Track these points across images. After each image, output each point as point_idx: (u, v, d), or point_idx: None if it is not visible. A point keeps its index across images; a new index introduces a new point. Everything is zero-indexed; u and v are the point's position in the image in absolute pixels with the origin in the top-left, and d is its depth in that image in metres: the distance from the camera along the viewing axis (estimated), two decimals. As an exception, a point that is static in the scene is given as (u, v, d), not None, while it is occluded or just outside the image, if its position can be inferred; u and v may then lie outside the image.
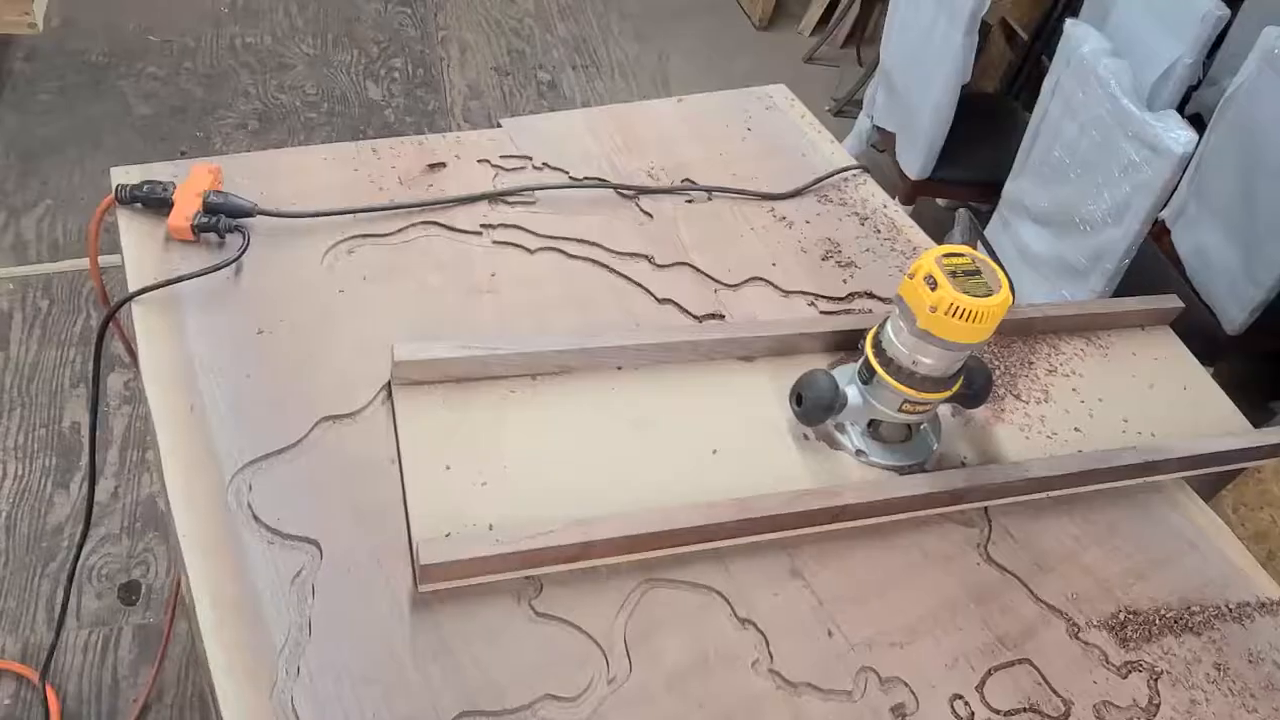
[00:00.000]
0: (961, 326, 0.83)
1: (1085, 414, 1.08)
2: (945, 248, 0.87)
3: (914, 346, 0.87)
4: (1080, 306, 1.19)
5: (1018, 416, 1.06)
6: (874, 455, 0.96)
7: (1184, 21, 1.92)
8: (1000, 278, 0.85)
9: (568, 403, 0.94)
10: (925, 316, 0.84)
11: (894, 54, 2.26)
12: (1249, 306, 1.86)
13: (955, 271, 0.84)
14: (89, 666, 1.49)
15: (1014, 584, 0.92)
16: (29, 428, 1.80)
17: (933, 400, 0.91)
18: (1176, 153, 1.47)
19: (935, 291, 0.83)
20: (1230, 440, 1.09)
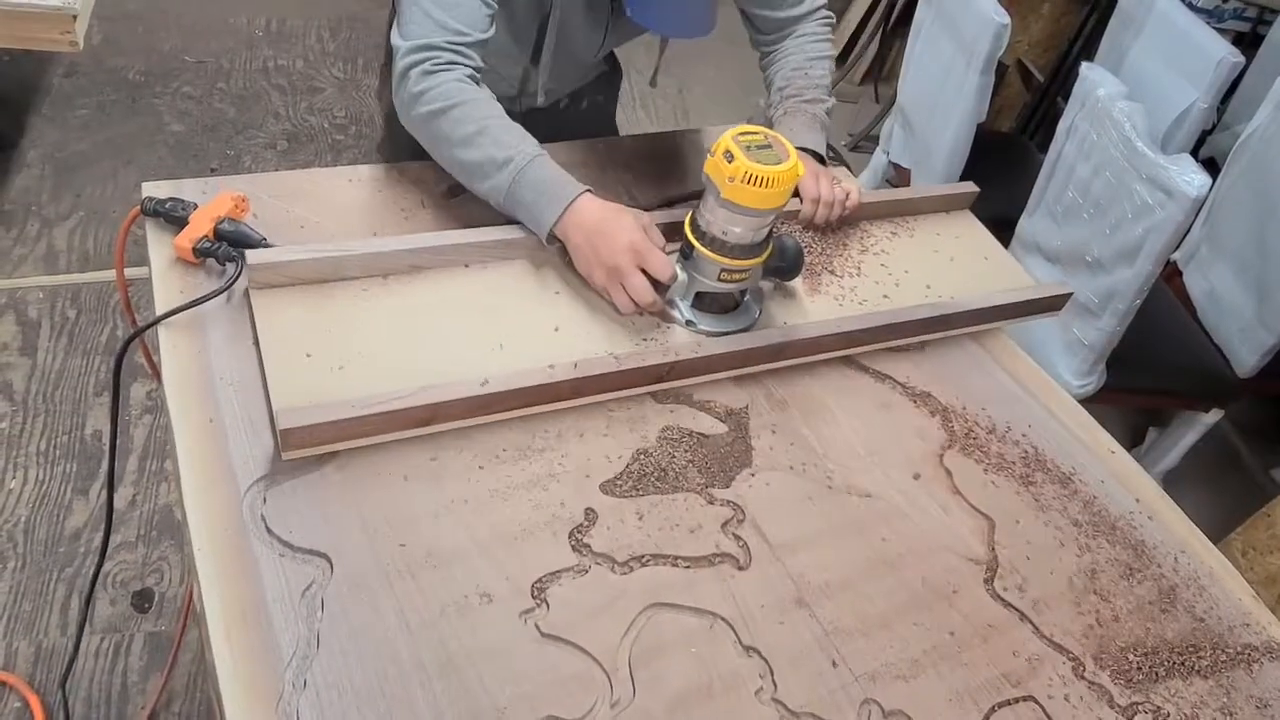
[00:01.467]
0: (758, 193, 0.95)
1: (892, 284, 1.21)
2: (741, 127, 0.98)
3: (723, 218, 0.99)
4: (888, 194, 1.32)
5: (833, 289, 1.18)
6: (702, 324, 1.07)
7: (1199, 67, 1.93)
8: (789, 150, 0.97)
9: (418, 296, 1.02)
10: (727, 187, 0.96)
11: (911, 92, 2.29)
12: (1260, 350, 1.86)
13: (749, 146, 0.95)
14: (100, 672, 1.51)
15: (1019, 621, 0.93)
16: (52, 434, 1.83)
17: (746, 266, 1.02)
18: (1190, 196, 1.48)
19: (732, 163, 0.94)
20: (1012, 294, 1.22)
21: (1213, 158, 2.50)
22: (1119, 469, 1.11)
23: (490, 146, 1.03)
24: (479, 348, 0.98)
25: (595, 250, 1.01)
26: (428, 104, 1.03)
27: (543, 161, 1.04)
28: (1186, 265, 2.09)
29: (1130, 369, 1.84)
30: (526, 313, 1.03)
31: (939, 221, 1.35)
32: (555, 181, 1.03)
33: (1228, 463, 2.41)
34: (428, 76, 1.04)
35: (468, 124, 1.03)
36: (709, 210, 1.00)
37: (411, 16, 1.05)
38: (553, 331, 1.02)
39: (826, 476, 1.00)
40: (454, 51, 1.04)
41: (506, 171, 1.02)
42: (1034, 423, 1.13)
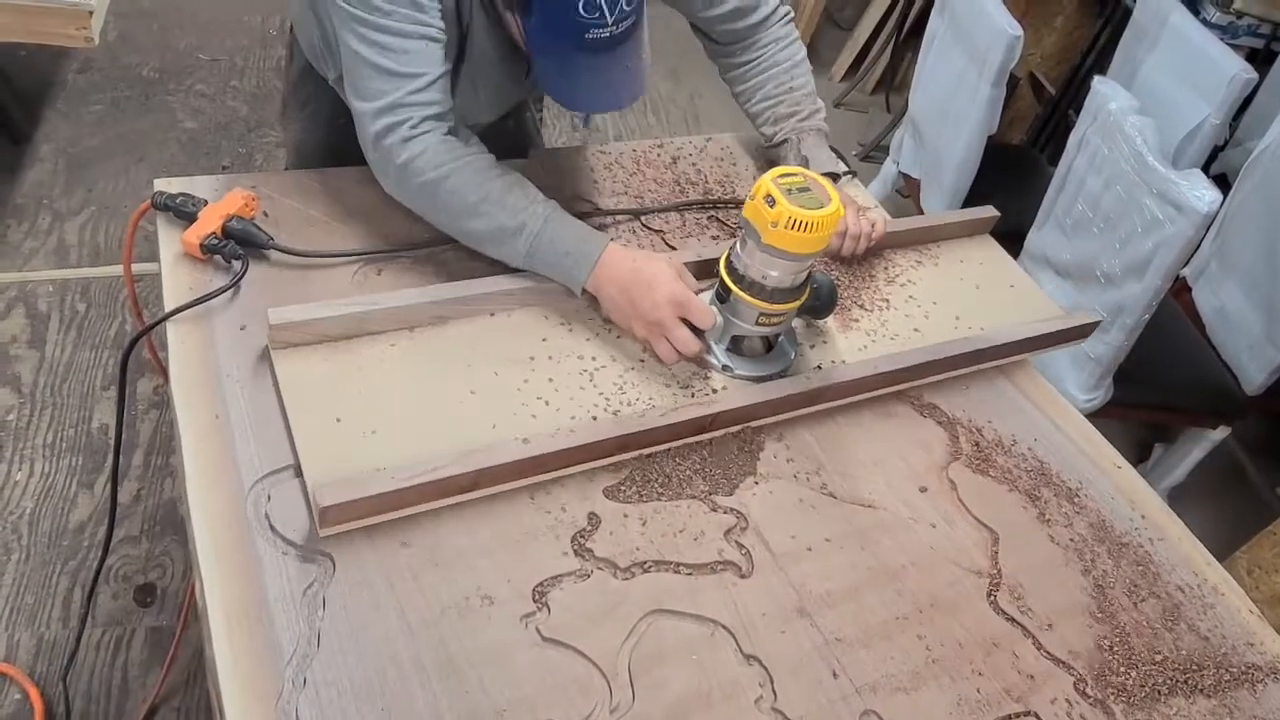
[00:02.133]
0: (800, 237, 0.93)
1: (922, 317, 1.20)
2: (779, 169, 0.96)
3: (762, 261, 0.97)
4: (910, 223, 1.31)
5: (863, 324, 1.17)
6: (739, 369, 1.05)
7: (1212, 83, 1.93)
8: (830, 192, 0.95)
9: (447, 349, 0.99)
10: (769, 232, 0.94)
11: (922, 102, 2.28)
12: (1268, 368, 1.85)
13: (790, 189, 0.94)
14: (100, 665, 1.51)
15: (1022, 636, 0.92)
16: (59, 427, 1.84)
17: (785, 311, 1.01)
18: (1200, 211, 1.47)
19: (774, 208, 0.92)
20: (1043, 325, 1.21)
21: (1224, 174, 2.49)
22: (1125, 485, 1.11)
23: (498, 214, 0.99)
24: (513, 400, 0.96)
25: (634, 304, 0.99)
26: (418, 175, 0.98)
27: (556, 220, 1.01)
28: (1196, 281, 2.08)
29: (1137, 384, 1.83)
30: (559, 362, 1.01)
31: (961, 248, 1.33)
32: (576, 239, 1.00)
33: (1234, 480, 2.39)
34: (407, 145, 0.98)
35: (468, 193, 0.99)
36: (748, 254, 0.97)
37: (360, 73, 0.98)
38: (589, 381, 1.00)
39: (831, 486, 1.00)
40: (422, 105, 0.98)
41: (522, 239, 0.99)
42: (1040, 436, 1.13)
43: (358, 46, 0.97)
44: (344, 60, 1.00)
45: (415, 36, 0.96)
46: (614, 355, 1.03)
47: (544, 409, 0.96)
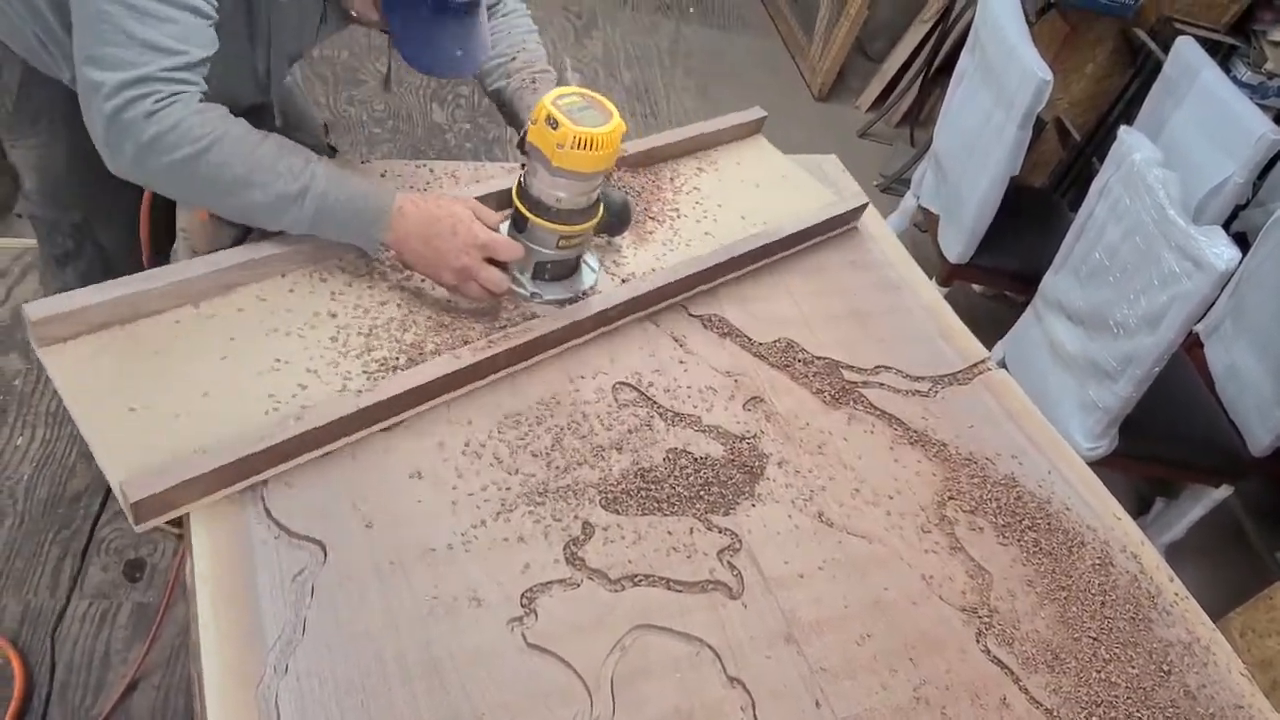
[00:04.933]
0: (588, 155, 0.93)
1: (710, 221, 1.26)
2: (557, 91, 0.96)
3: (554, 185, 0.97)
4: (687, 131, 1.36)
5: (658, 235, 1.21)
6: (547, 294, 1.06)
7: (1238, 141, 1.93)
8: (608, 107, 0.95)
9: (241, 318, 0.94)
10: (556, 154, 0.94)
11: (947, 139, 2.29)
12: (1276, 430, 1.84)
13: (570, 109, 0.93)
14: (84, 636, 1.51)
15: (1009, 680, 0.91)
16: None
17: (582, 231, 1.02)
18: (1218, 269, 1.47)
19: (558, 130, 0.92)
20: (820, 213, 1.29)
21: (1244, 233, 2.48)
22: (1123, 536, 1.10)
23: (274, 181, 0.90)
24: (324, 360, 0.92)
25: (439, 253, 0.96)
26: (169, 152, 0.86)
27: (339, 179, 0.94)
28: (1209, 338, 2.07)
29: (1143, 436, 1.82)
30: (366, 313, 0.98)
31: (737, 151, 1.41)
32: (363, 195, 0.95)
33: (1233, 541, 2.37)
34: (153, 118, 0.85)
35: (234, 164, 0.89)
36: (539, 180, 0.98)
37: (106, 38, 0.83)
38: (402, 332, 0.97)
39: (828, 515, 0.99)
40: (175, 83, 0.86)
41: (306, 203, 0.92)
42: (1041, 481, 1.12)
43: (108, 7, 0.83)
44: (82, 22, 0.85)
45: (185, 8, 0.86)
46: (422, 303, 1.02)
47: (358, 364, 0.93)
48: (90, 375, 0.85)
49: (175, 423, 0.83)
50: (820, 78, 3.46)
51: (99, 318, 0.87)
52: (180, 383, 0.87)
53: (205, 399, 0.86)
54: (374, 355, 0.94)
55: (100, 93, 0.85)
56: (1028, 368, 1.95)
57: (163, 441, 0.82)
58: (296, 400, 0.88)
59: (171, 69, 0.86)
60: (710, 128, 1.37)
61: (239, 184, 0.90)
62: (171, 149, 0.86)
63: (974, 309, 2.72)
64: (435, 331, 0.98)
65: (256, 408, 0.86)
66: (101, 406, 0.83)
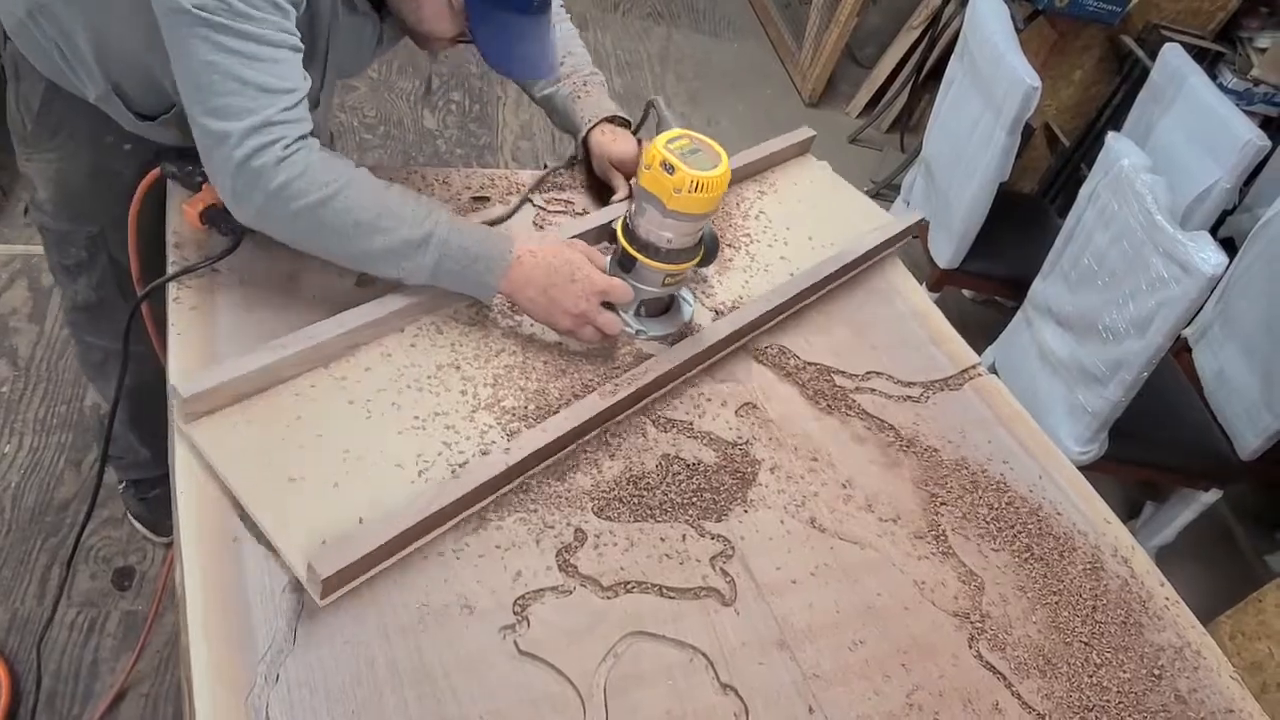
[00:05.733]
0: (701, 199, 0.97)
1: (782, 244, 1.30)
2: (667, 135, 0.99)
3: (664, 226, 1.00)
4: (744, 157, 1.37)
5: (737, 260, 1.25)
6: (652, 330, 1.09)
7: (1225, 147, 1.94)
8: (715, 149, 0.98)
9: (370, 378, 0.94)
10: (672, 198, 0.97)
11: (937, 144, 2.30)
12: (1264, 434, 1.85)
13: (683, 153, 0.96)
14: (72, 645, 1.50)
15: (1001, 685, 0.92)
16: (51, 403, 1.84)
17: (686, 269, 1.05)
18: (1206, 274, 1.48)
19: (675, 175, 0.95)
20: (884, 231, 1.33)
21: (1231, 238, 2.51)
22: (1114, 541, 1.11)
23: (399, 227, 0.92)
24: (459, 414, 0.94)
25: (554, 301, 0.98)
26: (298, 199, 0.88)
27: (459, 225, 0.96)
28: (1197, 343, 2.09)
29: (1132, 440, 1.83)
30: (486, 363, 1.00)
31: (790, 171, 1.43)
32: (483, 243, 0.97)
33: (1222, 544, 2.39)
34: (282, 165, 0.86)
35: (361, 209, 0.90)
36: (649, 222, 1.01)
37: (219, 88, 0.84)
38: (524, 380, 0.99)
39: (820, 521, 0.99)
40: (294, 123, 0.88)
41: (429, 250, 0.93)
42: (1033, 486, 1.13)
43: (214, 56, 0.83)
44: (188, 74, 0.85)
45: (283, 46, 0.87)
46: (539, 349, 1.03)
47: (490, 415, 0.95)
48: (241, 448, 0.84)
49: (335, 491, 0.84)
50: (810, 84, 3.48)
51: (241, 389, 0.87)
52: (330, 449, 0.87)
53: (358, 463, 0.86)
54: (503, 405, 0.96)
55: (228, 143, 0.85)
56: (1018, 372, 1.96)
57: (327, 511, 0.82)
58: (444, 458, 0.89)
59: (288, 109, 0.87)
60: (766, 150, 1.39)
61: (364, 229, 0.91)
62: (300, 195, 0.88)
63: (964, 314, 2.74)
64: (555, 377, 1.01)
65: (409, 469, 0.88)
66: (262, 480, 0.83)
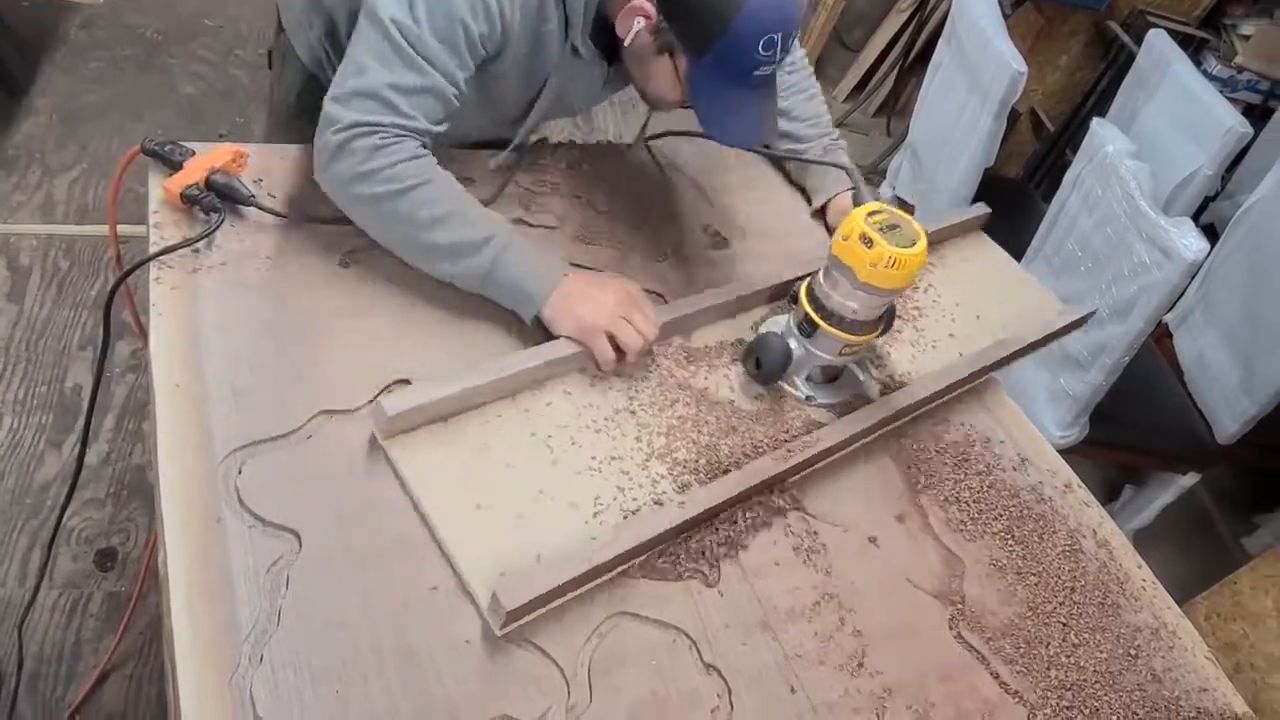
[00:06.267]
0: (896, 274, 0.96)
1: (950, 320, 1.28)
2: (867, 207, 0.98)
3: (853, 297, 0.99)
4: None
5: (905, 334, 1.23)
6: (821, 397, 1.08)
7: (1208, 134, 1.95)
8: (915, 227, 0.98)
9: (554, 412, 0.96)
10: (867, 271, 0.96)
11: (923, 129, 2.30)
12: (1242, 418, 1.88)
13: (882, 227, 0.96)
14: (54, 627, 1.49)
15: (980, 665, 0.93)
16: (31, 384, 1.82)
17: (867, 341, 1.04)
18: (1187, 259, 1.49)
19: (873, 249, 0.94)
20: (1057, 320, 1.31)
21: (1213, 224, 2.53)
22: (1093, 523, 1.12)
23: (462, 228, 0.97)
24: (636, 459, 0.94)
25: (585, 309, 0.97)
26: (383, 184, 0.94)
27: (519, 240, 0.99)
28: (1178, 328, 2.11)
29: (1113, 424, 1.85)
30: (661, 411, 1.00)
31: (961, 247, 1.40)
32: (538, 261, 1.00)
33: (1199, 527, 2.42)
34: (377, 153, 0.94)
35: (435, 205, 0.96)
36: (839, 291, 1.00)
37: (359, 86, 0.94)
38: (696, 433, 0.99)
39: (805, 503, 1.00)
40: (402, 130, 0.95)
41: (485, 252, 0.97)
42: (1014, 468, 1.14)
43: (375, 62, 0.94)
44: (352, 60, 0.96)
45: (435, 89, 0.96)
46: (705, 402, 1.03)
47: (663, 465, 0.95)
48: (433, 469, 0.87)
49: (518, 523, 0.85)
50: (798, 67, 3.46)
51: (438, 411, 0.89)
52: (515, 480, 0.89)
53: (540, 497, 0.88)
54: (675, 456, 0.96)
55: (334, 123, 0.94)
56: (1001, 357, 1.97)
57: (509, 542, 0.84)
58: (618, 503, 0.90)
59: (402, 126, 0.95)
60: (943, 223, 1.37)
61: (429, 224, 0.96)
62: (384, 181, 0.94)
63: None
64: (726, 434, 1.00)
65: (584, 509, 0.89)
66: (452, 503, 0.85)
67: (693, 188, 1.34)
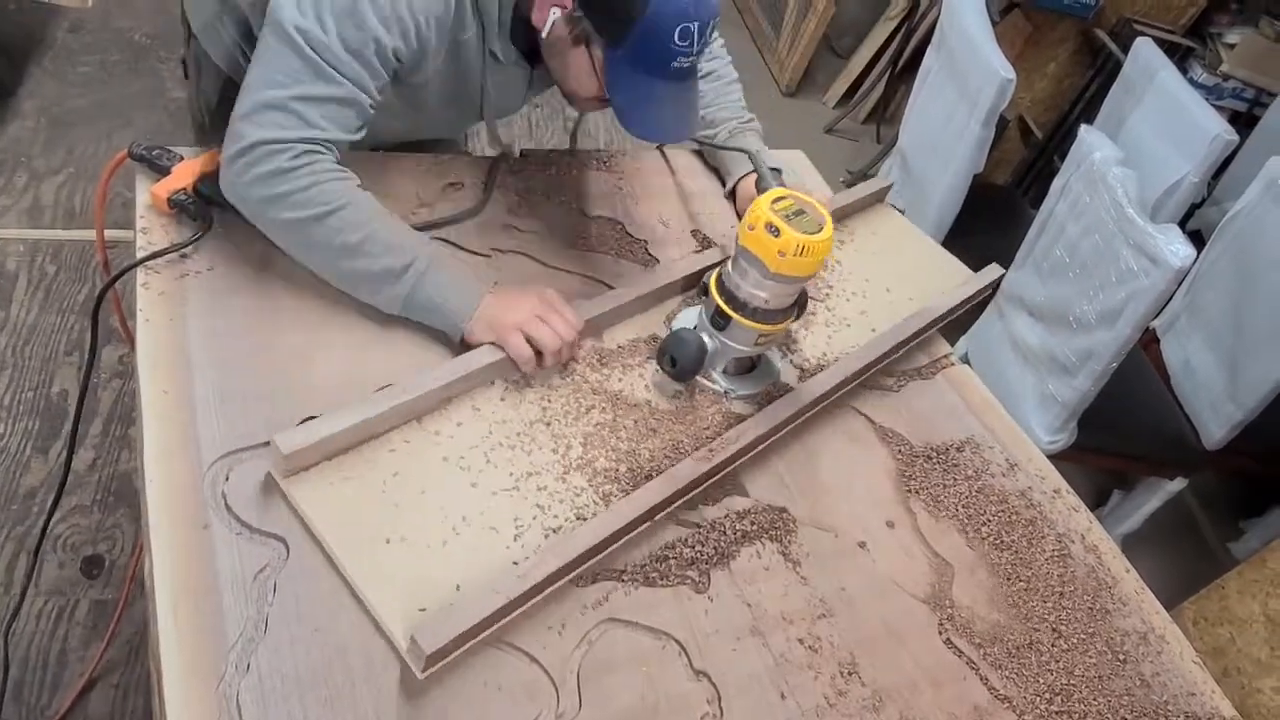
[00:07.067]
0: (806, 262, 0.94)
1: (861, 296, 1.27)
2: (771, 194, 0.96)
3: (763, 287, 0.97)
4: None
5: (819, 315, 1.22)
6: (739, 389, 1.07)
7: (1194, 141, 1.97)
8: (818, 210, 0.96)
9: (465, 432, 0.93)
10: (776, 261, 0.94)
11: (912, 136, 2.31)
12: (1228, 424, 1.89)
13: (788, 214, 0.94)
14: (40, 635, 1.48)
15: (969, 670, 0.93)
16: (17, 389, 1.80)
17: (781, 329, 1.03)
18: (1174, 266, 1.50)
19: (780, 238, 0.93)
20: (966, 289, 1.31)
21: (1199, 231, 2.55)
22: (1081, 528, 1.12)
23: (384, 255, 0.93)
24: (552, 474, 0.92)
25: (507, 309, 0.96)
26: (295, 209, 0.91)
27: (440, 259, 0.97)
28: (1165, 334, 2.12)
29: (1101, 430, 1.86)
30: (576, 420, 0.97)
31: (868, 221, 1.41)
32: (458, 283, 0.97)
33: (1186, 532, 2.44)
34: (288, 175, 0.90)
35: (352, 231, 0.92)
36: (748, 282, 0.98)
37: (267, 99, 0.89)
38: (612, 435, 0.97)
39: (793, 509, 1.00)
40: (313, 144, 0.91)
41: (406, 278, 0.94)
42: (1003, 474, 1.14)
43: (280, 76, 0.89)
44: (258, 72, 0.91)
45: (347, 100, 0.92)
46: (622, 405, 1.01)
47: (582, 477, 0.93)
48: (338, 506, 0.82)
49: (431, 554, 0.82)
50: (788, 73, 3.48)
51: (339, 444, 0.85)
52: (426, 508, 0.85)
53: (455, 524, 0.85)
54: (595, 466, 0.94)
55: (240, 129, 0.90)
56: (990, 362, 1.98)
57: (425, 574, 0.80)
58: (539, 522, 0.87)
59: (311, 141, 0.91)
60: (841, 201, 1.36)
61: (349, 251, 0.93)
62: (298, 207, 0.91)
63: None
64: (645, 437, 0.98)
65: (505, 534, 0.86)
66: (359, 541, 0.81)
67: (680, 193, 1.34)
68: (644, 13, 0.90)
